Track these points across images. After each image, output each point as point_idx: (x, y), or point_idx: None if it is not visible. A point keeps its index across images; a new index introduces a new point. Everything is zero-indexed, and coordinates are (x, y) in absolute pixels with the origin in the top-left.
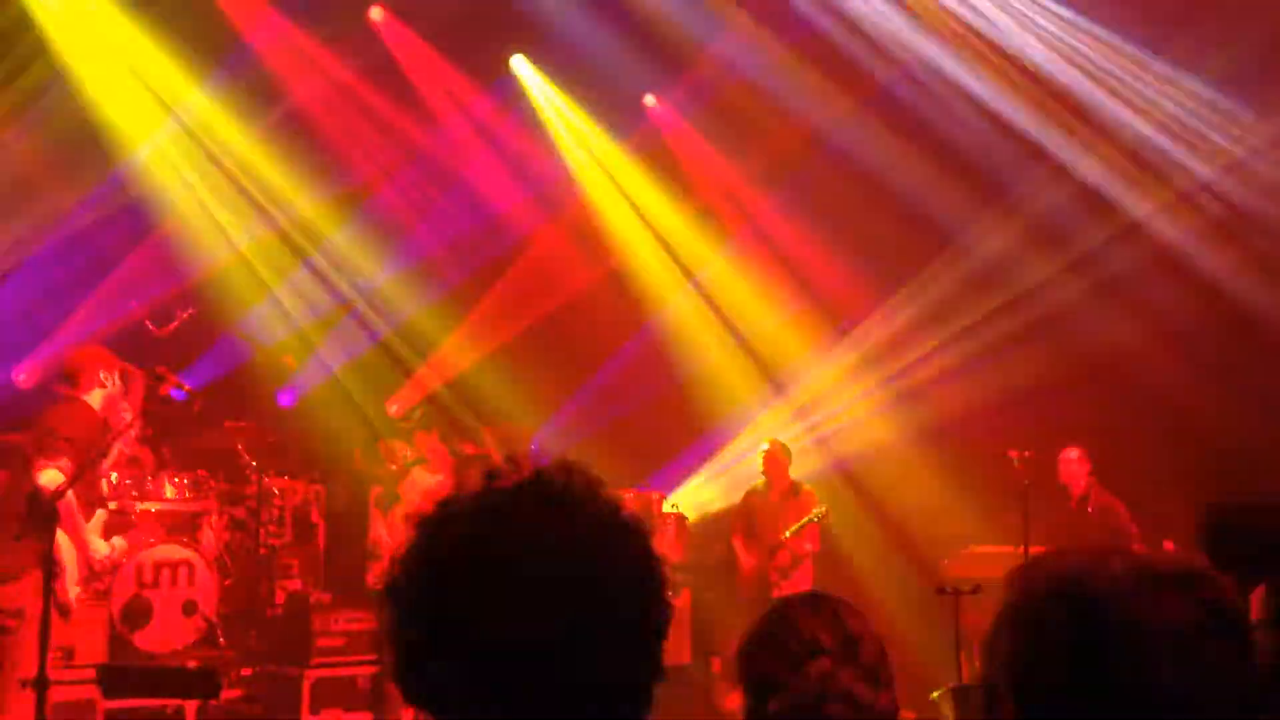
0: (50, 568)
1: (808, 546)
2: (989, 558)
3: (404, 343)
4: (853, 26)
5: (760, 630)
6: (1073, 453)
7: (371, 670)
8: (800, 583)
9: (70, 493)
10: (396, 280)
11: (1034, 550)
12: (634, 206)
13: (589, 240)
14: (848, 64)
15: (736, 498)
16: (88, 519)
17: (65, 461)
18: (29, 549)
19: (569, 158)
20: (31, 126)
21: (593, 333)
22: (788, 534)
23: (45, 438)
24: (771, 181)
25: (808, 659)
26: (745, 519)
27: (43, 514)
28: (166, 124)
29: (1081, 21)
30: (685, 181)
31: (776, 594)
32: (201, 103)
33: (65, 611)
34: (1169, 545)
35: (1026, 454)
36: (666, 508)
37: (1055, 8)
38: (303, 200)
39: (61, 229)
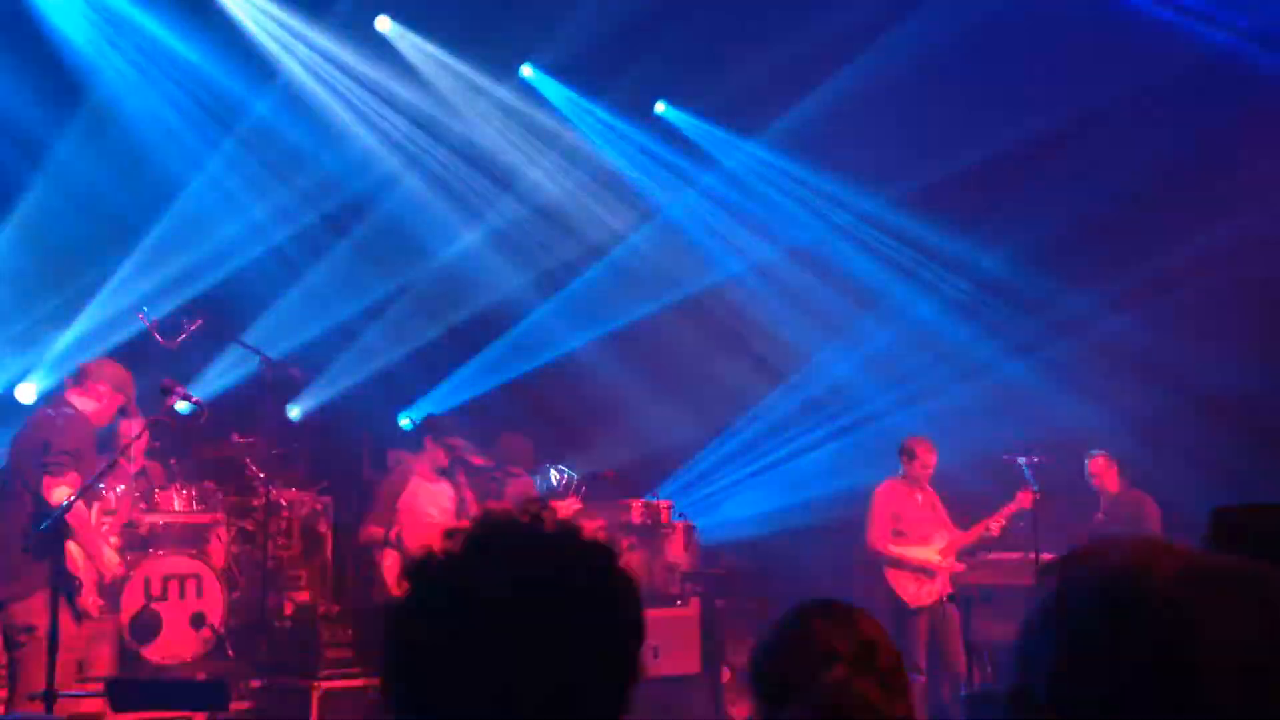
0: (66, 583)
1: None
2: (1000, 565)
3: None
4: None
5: (774, 637)
6: (1099, 458)
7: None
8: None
9: (82, 505)
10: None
11: (1045, 557)
12: None
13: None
14: None
15: None
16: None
17: (73, 476)
18: (41, 566)
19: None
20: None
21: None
22: (996, 524)
23: (48, 455)
24: None
25: (823, 666)
26: (889, 518)
27: (55, 530)
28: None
29: None
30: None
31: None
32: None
33: (82, 618)
34: None
35: (1036, 459)
36: (675, 516)
37: None
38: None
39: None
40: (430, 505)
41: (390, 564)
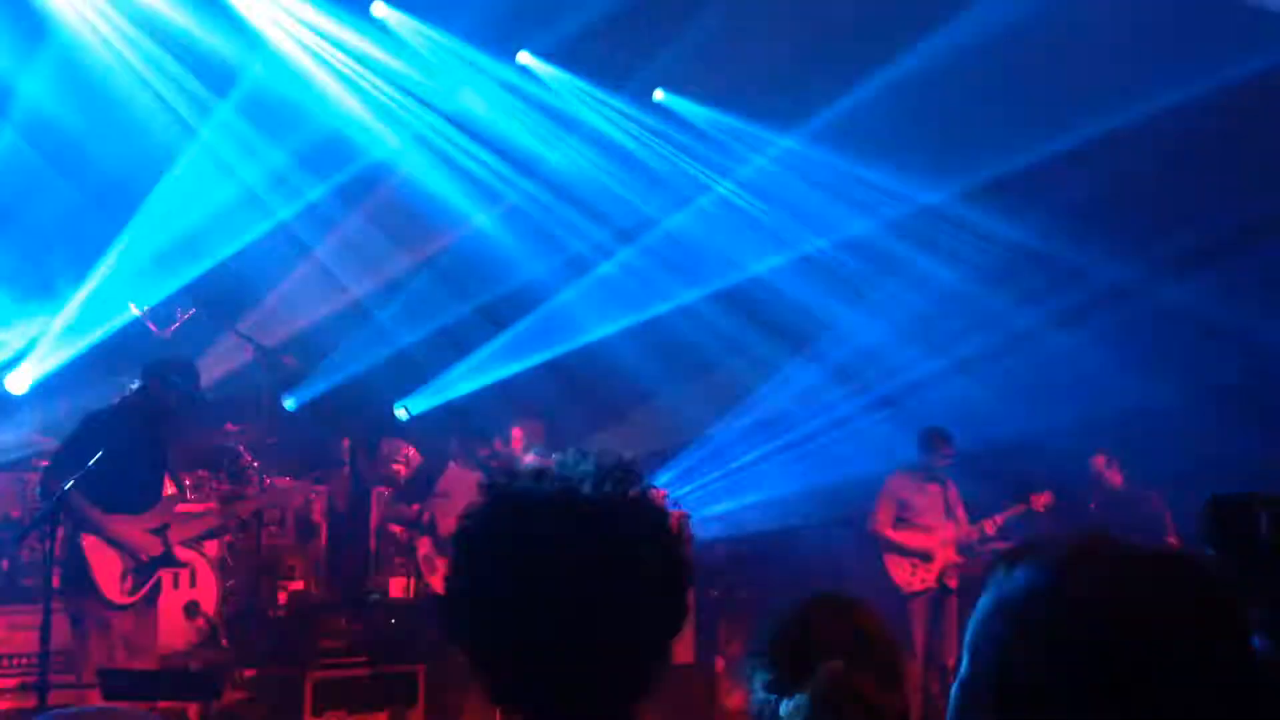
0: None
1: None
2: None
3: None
4: None
5: (772, 628)
6: (1099, 458)
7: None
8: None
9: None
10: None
11: None
12: None
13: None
14: None
15: None
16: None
17: None
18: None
19: None
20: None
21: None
22: (991, 525)
23: None
24: None
25: (820, 658)
26: (895, 504)
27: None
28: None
29: None
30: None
31: (953, 584)
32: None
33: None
34: (1171, 540)
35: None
36: (670, 504)
37: None
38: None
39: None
40: (467, 493)
41: (425, 550)
